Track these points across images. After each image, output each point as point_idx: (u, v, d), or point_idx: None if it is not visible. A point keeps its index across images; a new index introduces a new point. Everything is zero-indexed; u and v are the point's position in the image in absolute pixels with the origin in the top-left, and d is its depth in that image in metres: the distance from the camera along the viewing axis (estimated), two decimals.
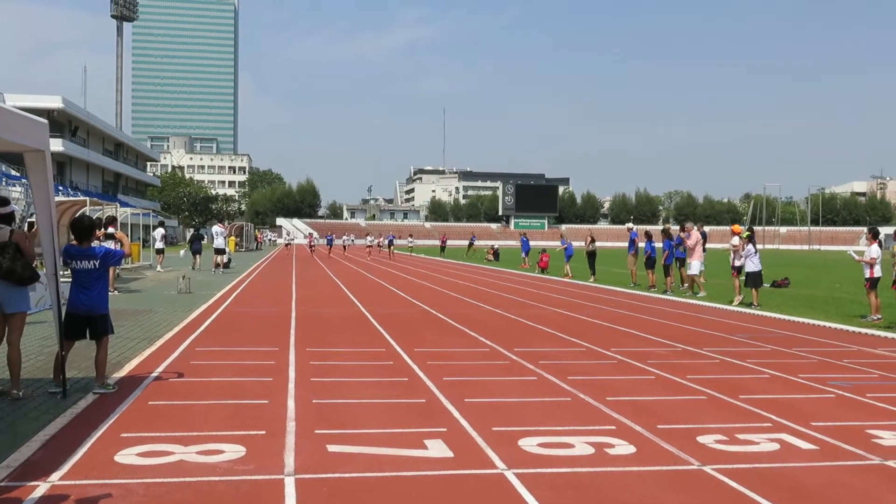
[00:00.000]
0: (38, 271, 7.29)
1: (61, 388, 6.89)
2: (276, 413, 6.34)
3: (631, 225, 26.19)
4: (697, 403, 6.99)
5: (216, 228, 31.08)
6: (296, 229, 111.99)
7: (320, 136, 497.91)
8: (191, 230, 63.60)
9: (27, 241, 7.09)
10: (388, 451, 5.26)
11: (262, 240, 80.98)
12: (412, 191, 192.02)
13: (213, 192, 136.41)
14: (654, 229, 25.08)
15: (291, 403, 6.69)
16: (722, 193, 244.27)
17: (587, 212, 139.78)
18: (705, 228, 22.03)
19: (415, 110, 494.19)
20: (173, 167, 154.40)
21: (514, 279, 26.33)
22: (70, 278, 7.22)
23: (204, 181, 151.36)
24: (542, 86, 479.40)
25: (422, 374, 8.17)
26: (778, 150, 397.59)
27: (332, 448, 5.32)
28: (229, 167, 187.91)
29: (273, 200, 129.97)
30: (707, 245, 20.46)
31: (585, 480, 4.73)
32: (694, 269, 18.93)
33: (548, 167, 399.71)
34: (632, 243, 23.20)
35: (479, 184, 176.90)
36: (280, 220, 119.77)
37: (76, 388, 7.22)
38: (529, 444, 5.49)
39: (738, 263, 17.13)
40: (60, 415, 6.18)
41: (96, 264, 7.10)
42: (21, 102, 50.01)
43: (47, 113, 54.50)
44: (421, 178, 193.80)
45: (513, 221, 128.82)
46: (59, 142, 59.28)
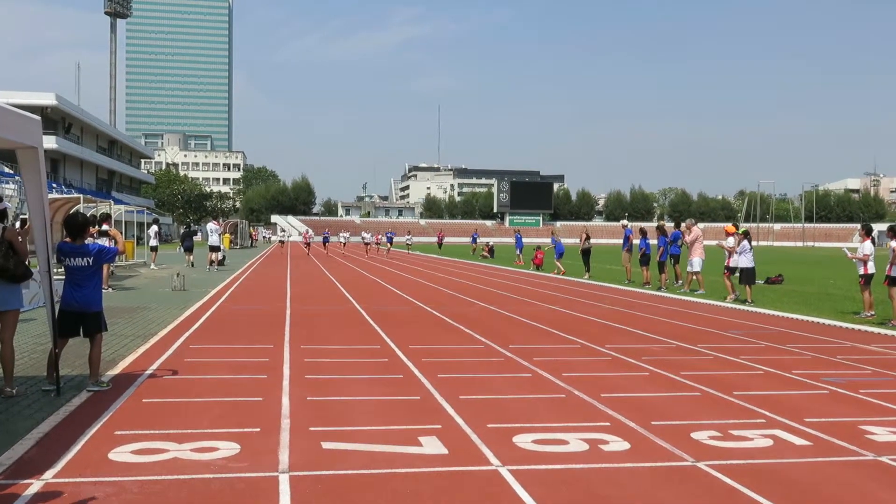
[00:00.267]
0: (31, 269, 7.26)
1: (55, 386, 6.88)
2: (271, 410, 6.33)
3: (626, 222, 26.27)
4: (691, 400, 7.01)
5: (211, 226, 30.96)
6: (291, 226, 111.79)
7: (315, 133, 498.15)
8: (184, 228, 63.39)
9: (20, 239, 7.06)
10: (382, 448, 5.26)
11: (257, 237, 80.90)
12: (407, 188, 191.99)
13: (208, 189, 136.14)
14: (649, 226, 25.10)
15: (286, 400, 6.69)
16: (716, 190, 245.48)
17: (582, 209, 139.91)
18: (700, 225, 22.05)
19: (410, 108, 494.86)
20: (167, 164, 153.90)
21: (509, 276, 26.35)
22: (63, 275, 7.20)
23: (198, 178, 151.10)
24: (536, 83, 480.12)
25: (416, 371, 8.17)
26: (772, 147, 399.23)
27: (326, 445, 5.32)
28: (224, 164, 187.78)
29: (268, 198, 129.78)
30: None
31: (580, 477, 4.74)
32: (696, 266, 18.94)
33: (543, 164, 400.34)
34: (626, 240, 23.26)
35: (475, 181, 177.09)
36: (275, 218, 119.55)
37: (70, 385, 7.20)
38: (524, 440, 5.50)
39: (733, 263, 17.13)
40: (54, 413, 6.17)
41: (90, 261, 7.08)
42: (14, 99, 49.77)
43: (41, 110, 54.31)
44: (416, 176, 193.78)
45: (508, 218, 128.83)
46: (52, 139, 59.05)
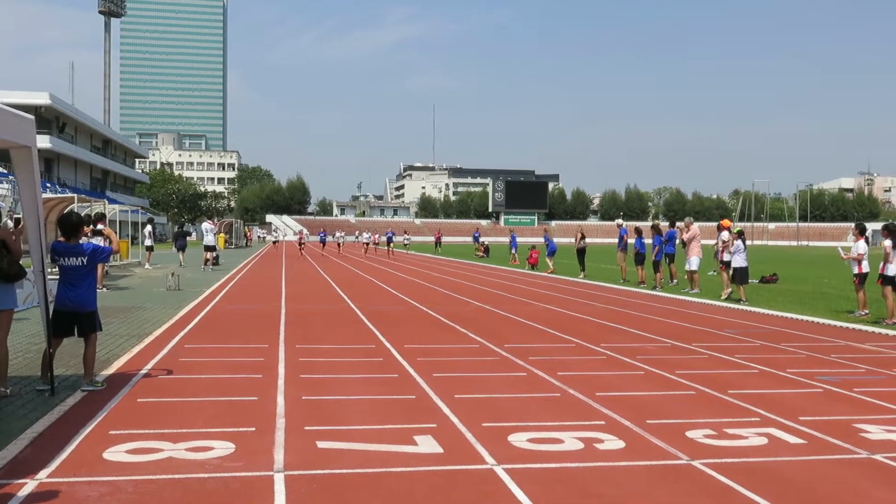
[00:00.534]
0: (25, 268, 7.24)
1: (49, 386, 6.86)
2: (266, 410, 6.33)
3: (620, 221, 26.28)
4: (686, 398, 7.02)
5: (206, 225, 30.88)
6: (285, 226, 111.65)
7: (310, 132, 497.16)
8: (176, 227, 63.27)
9: (14, 238, 7.04)
10: (377, 448, 5.26)
11: (252, 237, 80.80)
12: (402, 187, 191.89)
13: (202, 189, 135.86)
14: (644, 225, 25.16)
15: (281, 400, 6.68)
16: (711, 190, 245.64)
17: (577, 208, 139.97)
18: (695, 224, 22.03)
19: (404, 107, 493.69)
20: (162, 164, 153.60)
21: (505, 276, 26.36)
22: (57, 275, 7.18)
23: (193, 178, 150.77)
24: (531, 83, 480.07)
25: (411, 371, 8.17)
26: (767, 146, 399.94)
27: (321, 444, 5.32)
28: (218, 164, 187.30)
29: (262, 197, 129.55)
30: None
31: (575, 475, 4.75)
32: (693, 265, 18.96)
33: (538, 164, 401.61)
34: (621, 239, 23.29)
35: (469, 180, 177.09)
36: (270, 217, 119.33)
37: (64, 385, 7.18)
38: (519, 439, 5.51)
39: (726, 258, 17.19)
40: (48, 412, 6.15)
41: (84, 261, 7.06)
42: (8, 99, 49.65)
43: (34, 109, 54.15)
44: (411, 175, 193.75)
45: (503, 218, 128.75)
46: (46, 138, 58.87)
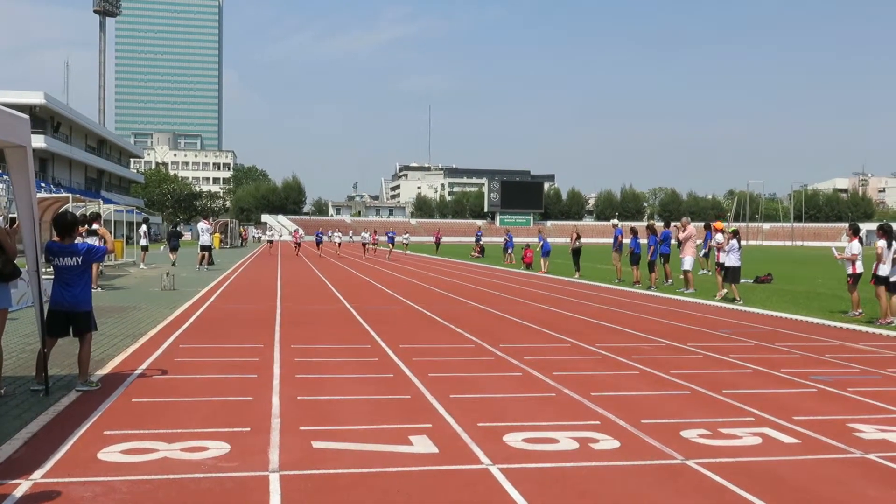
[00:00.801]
0: (20, 268, 7.22)
1: (44, 386, 6.84)
2: (261, 410, 6.32)
3: (616, 221, 26.36)
4: (681, 398, 7.04)
5: (202, 225, 30.82)
6: (281, 226, 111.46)
7: (305, 132, 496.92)
8: (170, 227, 63.04)
9: (9, 238, 7.03)
10: (372, 448, 5.26)
11: (247, 236, 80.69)
12: (398, 187, 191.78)
13: (198, 188, 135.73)
14: (639, 225, 25.20)
15: (276, 400, 6.68)
16: (706, 190, 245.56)
17: (573, 208, 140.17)
18: (692, 224, 22.03)
19: (400, 107, 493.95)
20: (157, 164, 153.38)
21: (501, 276, 26.37)
22: (52, 275, 7.16)
23: (188, 178, 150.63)
24: (527, 83, 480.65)
25: (407, 371, 8.17)
26: (761, 147, 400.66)
27: (316, 444, 5.32)
28: (214, 164, 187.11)
29: (258, 197, 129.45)
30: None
31: (570, 475, 4.75)
32: (687, 265, 18.99)
33: (533, 164, 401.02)
34: (616, 239, 23.32)
35: (465, 180, 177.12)
36: (265, 217, 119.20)
37: (59, 385, 7.17)
38: (514, 439, 5.52)
39: (721, 259, 17.22)
40: (43, 412, 6.14)
41: (79, 261, 7.05)
42: (2, 98, 49.51)
43: (29, 109, 54.04)
44: (406, 175, 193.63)
45: (498, 218, 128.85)
46: (41, 138, 58.77)
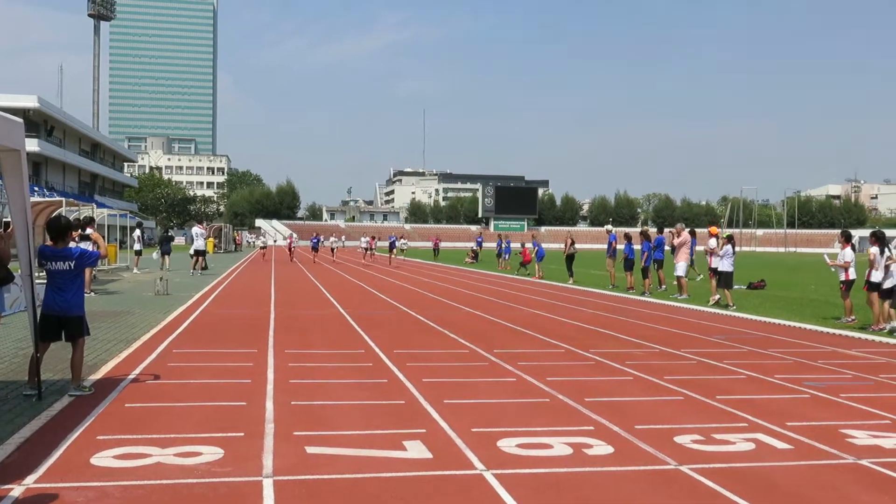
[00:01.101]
0: (13, 273, 7.19)
1: (36, 391, 6.81)
2: (255, 415, 6.31)
3: (610, 227, 26.39)
4: (675, 404, 7.05)
5: (196, 230, 30.76)
6: (275, 230, 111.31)
7: (300, 137, 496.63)
8: (162, 231, 62.80)
9: (2, 242, 7.00)
10: (366, 453, 5.25)
11: (241, 241, 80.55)
12: (392, 192, 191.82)
13: (192, 193, 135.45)
14: (633, 231, 25.26)
15: (270, 405, 6.66)
16: (700, 196, 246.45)
17: (566, 214, 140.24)
18: (686, 230, 22.01)
19: (394, 112, 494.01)
20: (151, 168, 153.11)
21: (495, 281, 26.38)
22: (45, 279, 7.14)
23: (182, 182, 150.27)
24: (521, 88, 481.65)
25: (401, 376, 8.16)
26: (755, 153, 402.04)
27: (310, 450, 5.31)
28: (208, 168, 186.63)
29: (252, 202, 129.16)
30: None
31: (564, 480, 4.76)
32: (680, 271, 19.02)
33: (527, 169, 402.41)
34: (610, 245, 23.37)
35: (459, 185, 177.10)
36: (259, 222, 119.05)
37: (51, 390, 7.14)
38: (508, 444, 5.51)
39: (714, 263, 17.24)
40: (35, 417, 6.11)
41: (72, 265, 7.02)
42: None
43: (23, 112, 53.85)
44: (401, 180, 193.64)
45: (493, 223, 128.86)
46: (34, 142, 58.55)
